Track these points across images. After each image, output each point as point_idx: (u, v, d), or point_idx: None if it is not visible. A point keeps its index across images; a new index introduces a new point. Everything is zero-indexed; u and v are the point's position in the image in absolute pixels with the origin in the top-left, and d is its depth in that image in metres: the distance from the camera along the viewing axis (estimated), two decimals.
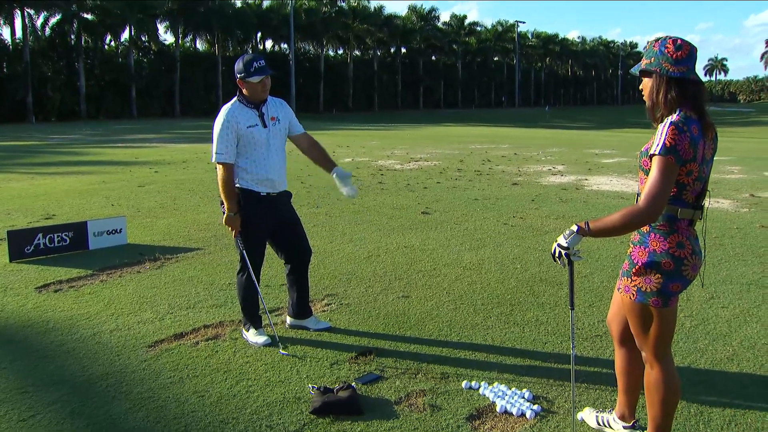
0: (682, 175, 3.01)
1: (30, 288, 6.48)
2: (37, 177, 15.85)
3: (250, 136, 4.82)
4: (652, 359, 3.24)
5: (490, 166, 18.20)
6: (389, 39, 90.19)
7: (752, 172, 16.93)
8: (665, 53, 3.02)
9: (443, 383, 4.27)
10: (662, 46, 3.04)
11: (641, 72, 3.16)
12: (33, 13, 60.17)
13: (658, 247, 3.08)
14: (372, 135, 35.59)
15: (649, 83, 3.11)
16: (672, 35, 3.08)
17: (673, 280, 3.08)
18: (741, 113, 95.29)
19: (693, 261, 3.11)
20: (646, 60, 3.11)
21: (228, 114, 4.80)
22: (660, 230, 3.10)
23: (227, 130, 4.76)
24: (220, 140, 4.77)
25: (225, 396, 4.10)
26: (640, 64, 3.16)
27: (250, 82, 4.78)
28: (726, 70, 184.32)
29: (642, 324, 3.19)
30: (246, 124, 4.81)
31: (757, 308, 5.75)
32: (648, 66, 3.08)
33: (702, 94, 3.09)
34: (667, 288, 3.09)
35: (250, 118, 4.84)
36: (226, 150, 4.77)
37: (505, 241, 8.44)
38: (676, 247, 3.08)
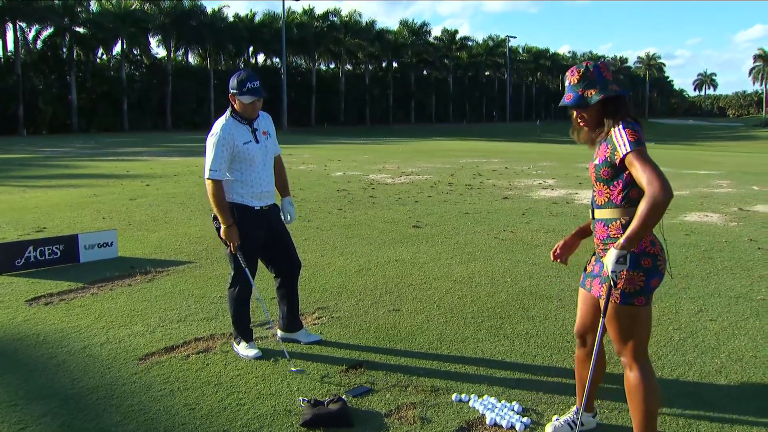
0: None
1: (20, 301, 6.46)
2: (28, 190, 15.81)
3: (246, 152, 4.85)
4: (633, 362, 3.31)
5: (481, 180, 18.27)
6: (381, 53, 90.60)
7: (741, 186, 17.03)
8: (606, 78, 3.27)
9: (433, 396, 4.29)
10: (599, 72, 3.26)
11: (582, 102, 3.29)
12: (25, 26, 60.41)
13: (636, 248, 3.17)
14: (363, 149, 35.66)
15: (595, 109, 3.29)
16: (591, 61, 3.34)
17: (653, 277, 3.24)
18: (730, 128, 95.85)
19: (663, 255, 3.28)
20: (594, 90, 3.26)
21: (224, 131, 4.80)
22: None
23: (223, 148, 4.77)
24: (216, 157, 4.77)
25: (215, 409, 4.11)
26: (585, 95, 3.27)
27: (241, 100, 4.82)
28: (715, 85, 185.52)
29: (625, 327, 3.28)
30: (242, 141, 4.84)
31: (745, 321, 5.79)
32: (604, 93, 3.24)
33: (629, 101, 3.37)
34: (649, 285, 3.23)
35: (244, 135, 4.87)
36: (220, 167, 4.78)
37: (496, 255, 8.48)
38: (650, 245, 3.23)
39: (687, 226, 10.61)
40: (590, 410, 3.83)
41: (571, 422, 3.76)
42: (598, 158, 3.31)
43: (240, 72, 4.92)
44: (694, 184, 17.20)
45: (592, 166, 3.35)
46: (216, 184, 4.78)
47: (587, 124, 3.37)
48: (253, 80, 4.85)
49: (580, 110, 3.34)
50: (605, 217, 3.33)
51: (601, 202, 3.35)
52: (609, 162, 3.24)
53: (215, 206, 4.81)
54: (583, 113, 3.35)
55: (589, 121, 3.36)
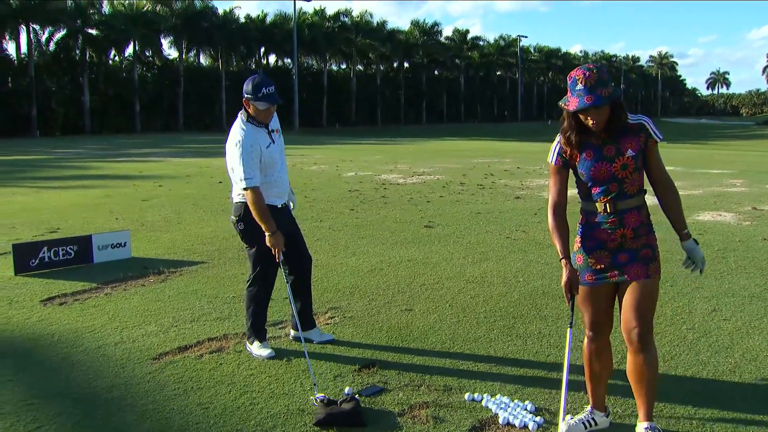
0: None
1: (35, 301, 6.51)
2: (42, 191, 15.92)
3: (269, 155, 4.88)
4: (652, 337, 3.53)
5: (492, 180, 18.24)
6: (392, 54, 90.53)
7: (754, 185, 16.93)
8: (610, 78, 3.43)
9: (446, 395, 4.29)
10: (606, 73, 3.37)
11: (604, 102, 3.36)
12: (38, 29, 60.71)
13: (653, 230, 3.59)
14: (375, 149, 35.68)
15: (607, 108, 3.39)
16: (592, 64, 3.45)
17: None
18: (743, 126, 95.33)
19: None
20: (607, 90, 3.33)
21: (250, 138, 4.78)
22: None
23: (252, 154, 4.75)
24: (247, 165, 4.73)
25: (229, 408, 4.12)
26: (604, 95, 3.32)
27: (256, 106, 4.82)
28: (728, 83, 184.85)
29: (656, 301, 3.55)
30: (264, 145, 4.85)
31: (759, 321, 5.76)
32: (616, 90, 3.38)
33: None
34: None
35: (265, 139, 4.88)
36: (254, 173, 4.74)
37: (508, 255, 8.47)
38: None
39: (700, 225, 10.56)
40: (603, 409, 3.82)
41: (586, 421, 3.76)
42: (631, 149, 3.43)
43: (255, 76, 4.90)
44: (707, 183, 17.11)
45: (630, 159, 3.42)
46: (256, 190, 4.74)
47: (598, 124, 3.40)
48: (268, 85, 4.83)
49: (597, 110, 3.36)
50: (638, 204, 3.51)
51: (633, 191, 3.49)
52: (642, 150, 3.46)
53: (258, 214, 4.75)
54: (598, 113, 3.37)
55: (600, 121, 3.40)
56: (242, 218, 4.92)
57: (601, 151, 3.45)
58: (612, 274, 3.53)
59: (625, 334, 3.50)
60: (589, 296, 3.64)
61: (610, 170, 3.44)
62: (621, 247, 3.50)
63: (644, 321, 3.46)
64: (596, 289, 3.60)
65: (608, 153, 3.44)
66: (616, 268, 3.52)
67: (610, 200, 3.48)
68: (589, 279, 3.59)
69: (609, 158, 3.44)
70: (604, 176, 3.45)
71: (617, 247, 3.51)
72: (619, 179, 3.45)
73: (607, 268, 3.54)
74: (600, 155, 3.45)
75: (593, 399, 3.81)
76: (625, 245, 3.50)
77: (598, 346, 3.73)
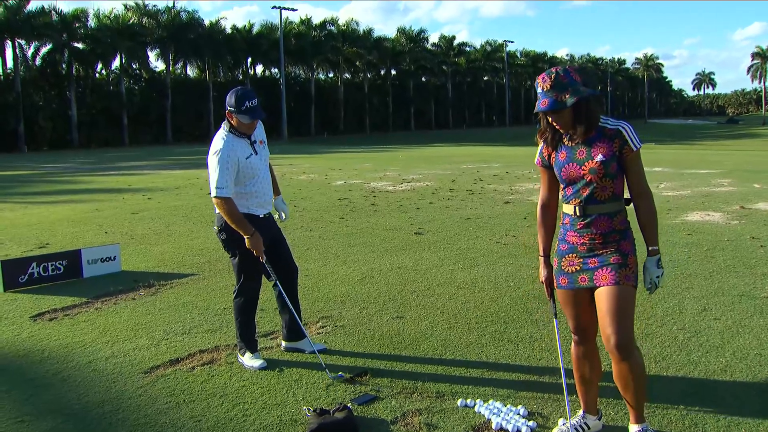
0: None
1: (25, 317, 6.48)
2: (30, 206, 15.85)
3: (249, 166, 4.88)
4: (632, 347, 3.43)
5: (482, 185, 18.28)
6: (379, 61, 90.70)
7: (742, 184, 17.03)
8: (576, 80, 3.39)
9: (439, 402, 4.29)
10: (570, 76, 3.38)
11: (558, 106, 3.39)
12: (24, 44, 60.54)
13: (632, 236, 3.53)
14: (364, 157, 35.70)
15: (568, 112, 3.40)
16: (560, 66, 3.46)
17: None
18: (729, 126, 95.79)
19: None
20: (568, 94, 3.35)
21: (228, 148, 4.78)
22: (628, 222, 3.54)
23: (228, 164, 4.76)
24: (222, 174, 4.74)
25: (222, 420, 4.11)
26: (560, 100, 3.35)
27: (239, 119, 4.82)
28: (714, 84, 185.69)
29: (632, 309, 3.44)
30: (244, 156, 4.85)
31: (749, 319, 5.79)
32: (577, 94, 3.35)
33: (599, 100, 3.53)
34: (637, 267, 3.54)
35: (245, 149, 4.88)
36: (227, 184, 4.75)
37: (498, 260, 8.48)
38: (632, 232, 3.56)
39: (689, 225, 10.61)
40: (595, 413, 3.82)
41: (578, 426, 3.76)
42: (601, 154, 3.39)
43: (238, 88, 4.89)
44: (695, 184, 17.20)
45: (599, 163, 3.40)
46: (227, 200, 4.76)
47: (563, 127, 3.46)
48: (251, 98, 4.82)
49: (555, 114, 3.42)
50: (610, 210, 3.46)
51: (605, 197, 3.45)
52: (616, 156, 3.41)
53: (232, 222, 4.79)
54: (558, 117, 3.43)
55: (564, 124, 3.45)
56: (223, 228, 4.95)
57: (573, 152, 3.47)
58: (582, 279, 3.52)
59: (604, 343, 3.43)
60: (568, 301, 3.64)
61: (579, 173, 3.45)
62: (591, 251, 3.49)
63: (619, 329, 3.38)
64: (573, 293, 3.60)
65: (579, 155, 3.45)
66: (586, 273, 3.51)
67: (580, 203, 3.49)
68: (563, 282, 3.61)
69: (579, 161, 3.44)
70: (574, 178, 3.47)
71: (587, 252, 3.50)
72: (588, 183, 3.45)
73: (578, 273, 3.54)
74: (572, 157, 3.47)
75: (584, 403, 3.81)
76: (595, 250, 3.48)
77: (585, 350, 3.73)
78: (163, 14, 69.27)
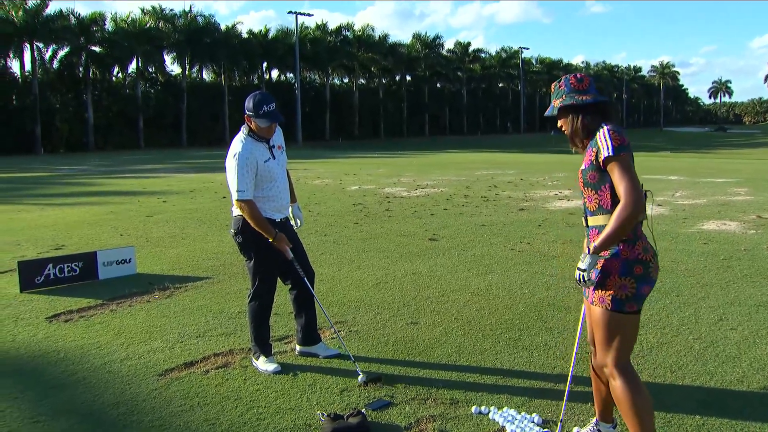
0: None
1: (41, 318, 6.52)
2: (47, 208, 15.96)
3: (267, 169, 4.90)
4: (613, 371, 3.32)
5: (496, 192, 18.25)
6: (394, 67, 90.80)
7: (759, 193, 16.91)
8: (573, 88, 3.39)
9: (453, 408, 4.28)
10: (567, 83, 3.40)
11: (559, 112, 3.46)
12: (42, 47, 60.96)
13: (629, 255, 3.25)
14: (378, 162, 35.72)
15: (564, 119, 3.46)
16: (567, 75, 3.50)
17: (644, 284, 3.27)
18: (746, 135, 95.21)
19: (655, 263, 3.33)
20: (557, 100, 3.44)
21: (247, 151, 4.83)
22: (628, 239, 3.26)
23: (247, 168, 4.80)
24: (241, 177, 4.78)
25: (235, 424, 4.11)
26: (552, 106, 3.47)
27: (257, 123, 4.86)
28: (730, 92, 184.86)
29: (612, 333, 3.30)
30: (262, 159, 4.88)
31: (767, 329, 5.74)
32: (563, 103, 3.40)
33: (611, 108, 3.46)
34: (640, 292, 3.27)
35: (263, 153, 4.91)
36: (248, 187, 4.80)
37: (513, 267, 8.46)
38: (643, 252, 3.28)
39: (705, 234, 10.54)
40: (609, 421, 3.79)
41: None
42: (585, 163, 3.37)
43: (256, 93, 4.93)
44: (711, 193, 17.09)
45: (580, 171, 3.41)
46: (250, 203, 4.81)
47: (566, 132, 3.48)
48: (269, 102, 4.87)
49: (559, 119, 3.48)
50: (599, 223, 3.36)
51: (593, 208, 3.40)
52: (594, 165, 3.30)
53: (255, 224, 4.83)
54: (561, 122, 3.47)
55: (565, 129, 3.47)
56: (240, 231, 4.97)
57: (581, 159, 3.47)
58: (586, 291, 3.48)
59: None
60: (585, 311, 3.63)
61: (579, 179, 3.46)
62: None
63: (601, 349, 3.35)
64: (586, 304, 3.57)
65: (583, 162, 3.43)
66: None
67: (584, 212, 3.51)
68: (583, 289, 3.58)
69: (581, 167, 3.44)
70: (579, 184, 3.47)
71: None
72: (582, 192, 3.45)
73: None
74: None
75: (599, 411, 3.78)
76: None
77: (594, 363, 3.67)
78: (179, 18, 69.68)
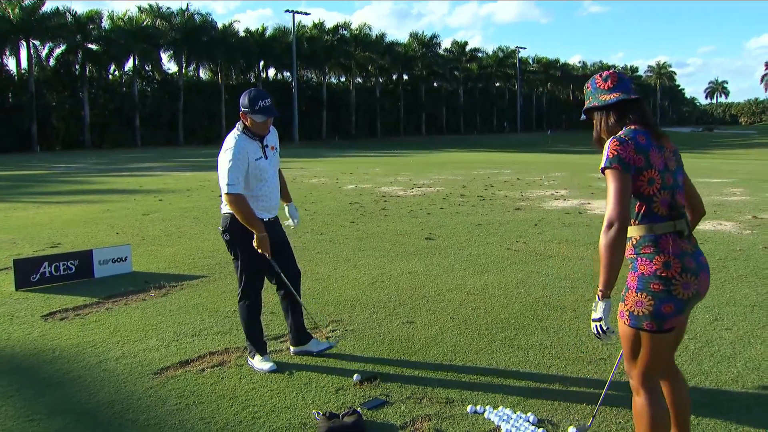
0: (643, 184, 3.07)
1: (36, 316, 6.51)
2: (43, 206, 15.93)
3: (258, 168, 4.90)
4: (638, 386, 3.19)
5: (492, 192, 18.26)
6: (391, 66, 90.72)
7: (755, 193, 16.95)
8: (598, 87, 3.27)
9: (448, 408, 4.28)
10: (593, 84, 3.29)
11: (587, 113, 3.36)
12: (38, 44, 60.84)
13: (646, 270, 3.05)
14: (375, 162, 35.71)
15: (592, 120, 3.34)
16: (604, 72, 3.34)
17: (664, 302, 3.03)
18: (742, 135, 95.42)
19: (684, 279, 3.06)
20: (586, 102, 3.33)
21: (238, 146, 4.84)
22: (645, 254, 3.07)
23: (239, 162, 4.80)
24: (232, 172, 4.78)
25: (231, 422, 4.11)
26: (583, 111, 3.38)
27: (253, 119, 4.86)
28: (726, 92, 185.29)
29: (633, 349, 3.15)
30: (254, 157, 4.88)
31: (762, 329, 5.76)
32: (589, 104, 3.30)
33: (643, 107, 3.26)
34: (659, 310, 3.03)
35: (256, 151, 4.92)
36: (238, 181, 4.80)
37: (509, 266, 8.47)
38: (663, 268, 3.04)
39: (701, 234, 10.55)
40: None
41: None
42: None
43: (251, 90, 4.95)
44: (707, 193, 17.11)
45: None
46: (239, 197, 4.81)
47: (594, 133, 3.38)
48: (265, 98, 4.89)
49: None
50: (630, 235, 3.13)
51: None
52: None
53: (244, 219, 4.83)
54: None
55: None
56: (227, 228, 4.99)
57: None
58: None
59: None
60: None
61: None
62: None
63: (626, 362, 3.23)
64: None
65: None
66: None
67: None
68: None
69: None
70: None
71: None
72: None
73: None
74: None
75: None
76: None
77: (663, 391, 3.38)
78: (176, 16, 69.51)
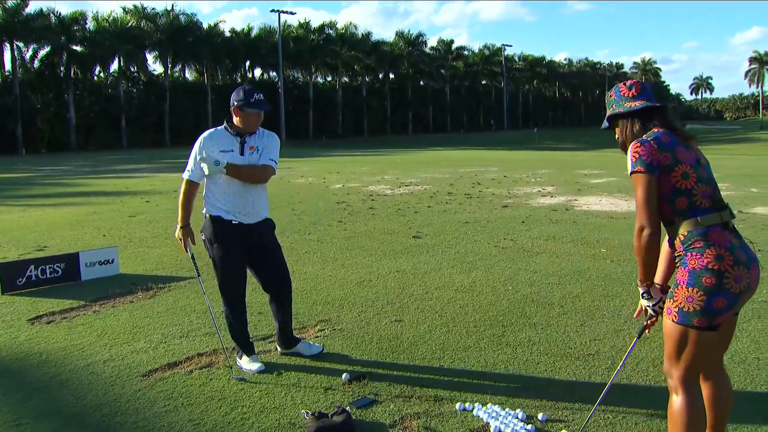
0: (678, 179, 3.09)
1: (22, 320, 6.47)
2: (28, 209, 15.83)
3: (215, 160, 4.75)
4: (679, 386, 3.12)
5: (480, 189, 18.29)
6: (377, 65, 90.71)
7: (740, 188, 17.07)
8: (622, 95, 3.33)
9: (437, 406, 4.29)
10: (617, 92, 3.35)
11: (611, 121, 3.41)
12: (22, 46, 60.48)
13: (696, 264, 3.01)
14: (362, 161, 35.71)
15: (620, 126, 3.35)
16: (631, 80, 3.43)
17: (716, 296, 2.96)
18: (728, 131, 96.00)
19: (736, 272, 2.98)
20: (609, 110, 3.37)
21: (203, 137, 4.97)
22: (695, 248, 3.03)
23: (194, 151, 4.95)
24: (191, 158, 4.98)
25: (220, 423, 4.11)
26: (606, 118, 3.42)
27: (247, 111, 4.83)
28: (711, 88, 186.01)
29: (678, 347, 3.09)
30: (220, 149, 4.84)
31: (747, 323, 5.80)
32: (613, 112, 3.34)
33: (667, 113, 3.30)
34: (710, 306, 2.97)
35: (226, 144, 4.87)
36: (191, 167, 5.01)
37: (496, 264, 8.49)
38: (715, 261, 2.98)
39: None
40: None
41: None
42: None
43: (244, 85, 4.98)
44: None
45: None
46: (185, 183, 5.05)
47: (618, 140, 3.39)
48: (258, 92, 4.91)
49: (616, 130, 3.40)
50: (670, 234, 3.18)
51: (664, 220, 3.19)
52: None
53: (180, 203, 5.15)
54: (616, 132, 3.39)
55: (618, 138, 3.38)
56: (202, 229, 5.03)
57: None
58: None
59: None
60: None
61: None
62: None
63: (667, 360, 3.18)
64: None
65: None
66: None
67: None
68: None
69: None
70: None
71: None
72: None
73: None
74: None
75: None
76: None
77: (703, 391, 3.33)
78: (161, 17, 69.21)
